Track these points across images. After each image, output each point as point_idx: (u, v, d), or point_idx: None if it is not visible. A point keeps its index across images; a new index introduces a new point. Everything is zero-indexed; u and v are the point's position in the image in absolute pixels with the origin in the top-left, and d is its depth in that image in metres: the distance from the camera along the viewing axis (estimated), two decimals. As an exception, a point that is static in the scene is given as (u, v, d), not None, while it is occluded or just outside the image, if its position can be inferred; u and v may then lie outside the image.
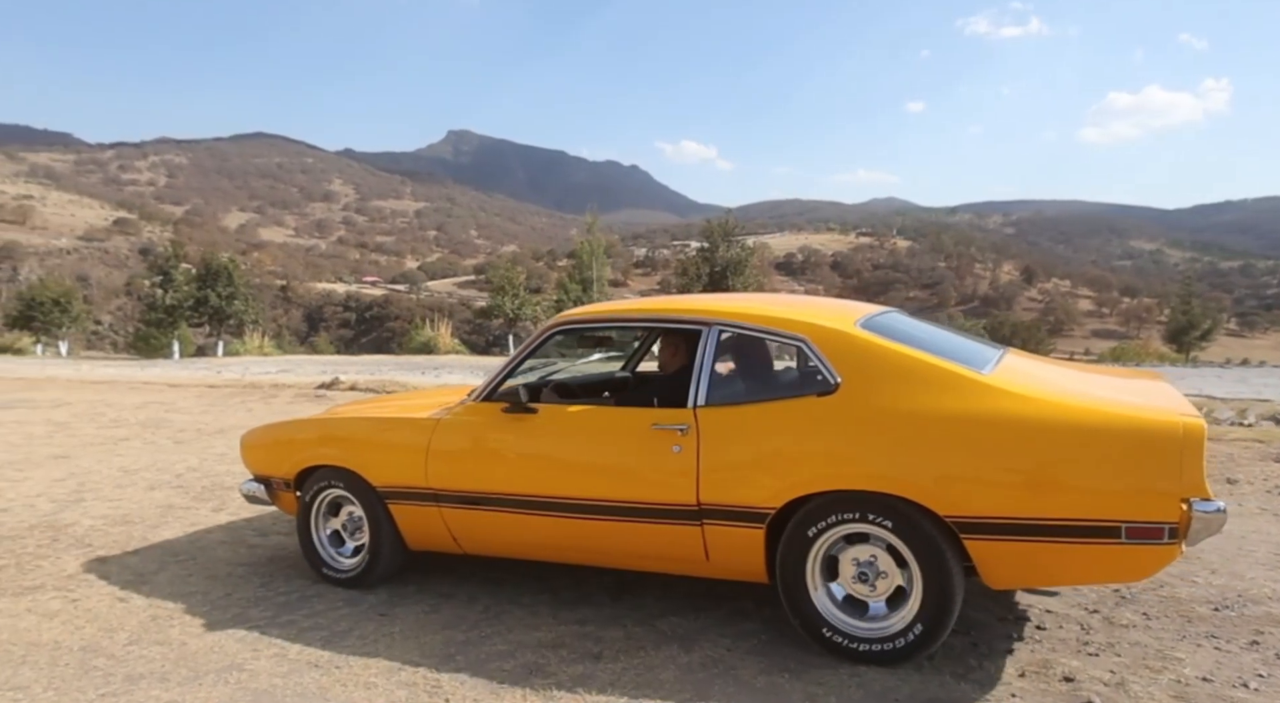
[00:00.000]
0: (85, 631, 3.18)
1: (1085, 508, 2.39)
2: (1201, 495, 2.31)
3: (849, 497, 2.65)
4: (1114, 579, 2.87)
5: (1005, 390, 2.56)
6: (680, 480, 2.84)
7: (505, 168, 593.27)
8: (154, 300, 32.90)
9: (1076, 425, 2.44)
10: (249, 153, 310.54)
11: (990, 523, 2.48)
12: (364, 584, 3.57)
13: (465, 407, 3.37)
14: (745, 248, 28.72)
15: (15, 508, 5.16)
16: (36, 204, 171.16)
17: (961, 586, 2.60)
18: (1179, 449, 2.32)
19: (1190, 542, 2.35)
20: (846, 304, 3.48)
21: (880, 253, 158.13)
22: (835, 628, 2.73)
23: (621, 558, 3.18)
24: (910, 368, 2.68)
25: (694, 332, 3.08)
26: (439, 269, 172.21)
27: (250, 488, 3.96)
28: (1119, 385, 2.97)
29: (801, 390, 2.92)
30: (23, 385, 14.78)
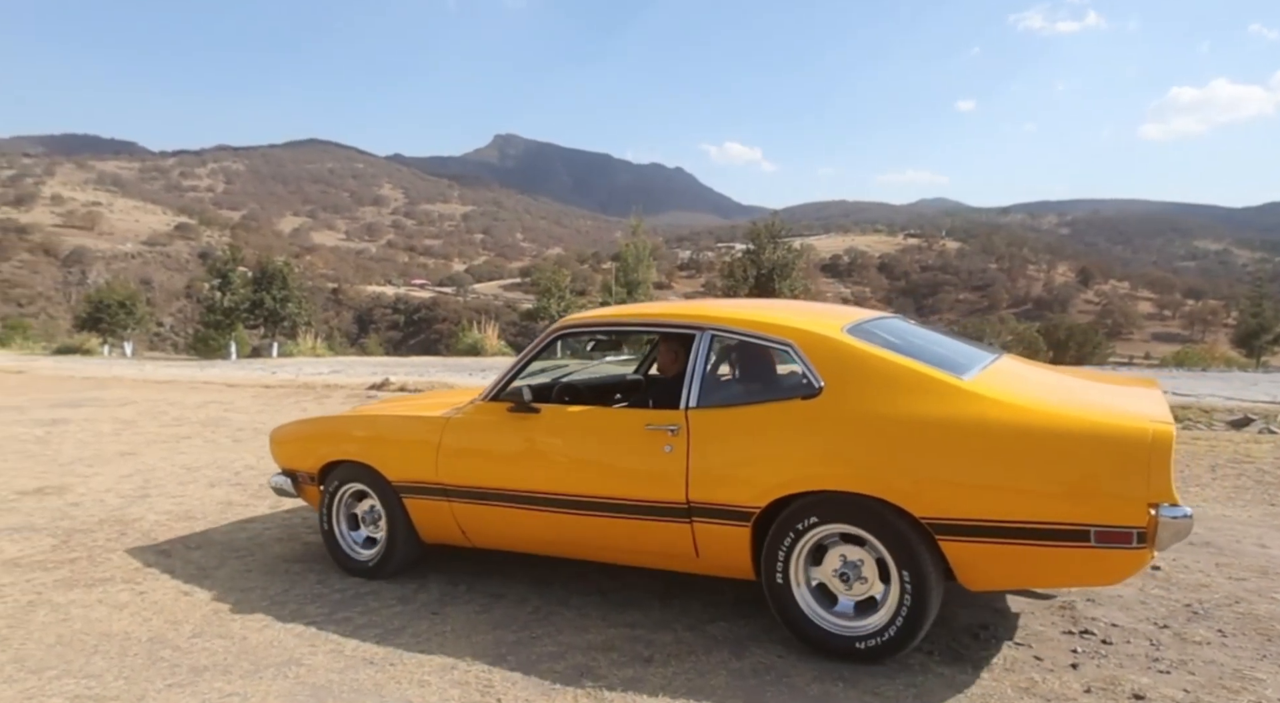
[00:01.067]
0: (152, 622, 3.28)
1: (1056, 511, 2.43)
2: (1169, 501, 2.34)
3: (831, 498, 2.72)
4: (1087, 582, 2.88)
5: (982, 395, 2.62)
6: (671, 479, 2.93)
7: (550, 171, 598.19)
8: (212, 303, 33.92)
9: (1047, 430, 2.48)
10: (302, 159, 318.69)
11: (964, 525, 2.53)
12: (380, 575, 3.72)
13: (474, 406, 3.52)
14: (792, 250, 28.42)
15: (86, 503, 5.37)
16: (104, 210, 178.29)
17: (939, 587, 2.65)
18: (1147, 455, 2.35)
19: (1160, 547, 2.38)
20: (839, 309, 3.60)
21: (929, 254, 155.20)
22: (817, 625, 2.79)
23: (617, 554, 3.28)
24: (891, 373, 2.75)
25: (689, 336, 3.17)
26: (485, 272, 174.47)
27: (278, 482, 4.14)
28: (1104, 392, 2.99)
29: (787, 394, 2.96)
30: (91, 385, 15.39)
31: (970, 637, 2.99)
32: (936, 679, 2.65)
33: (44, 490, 5.78)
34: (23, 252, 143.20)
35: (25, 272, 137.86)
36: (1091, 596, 3.38)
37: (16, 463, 6.91)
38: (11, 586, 3.75)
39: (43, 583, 3.78)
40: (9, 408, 11.57)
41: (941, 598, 2.71)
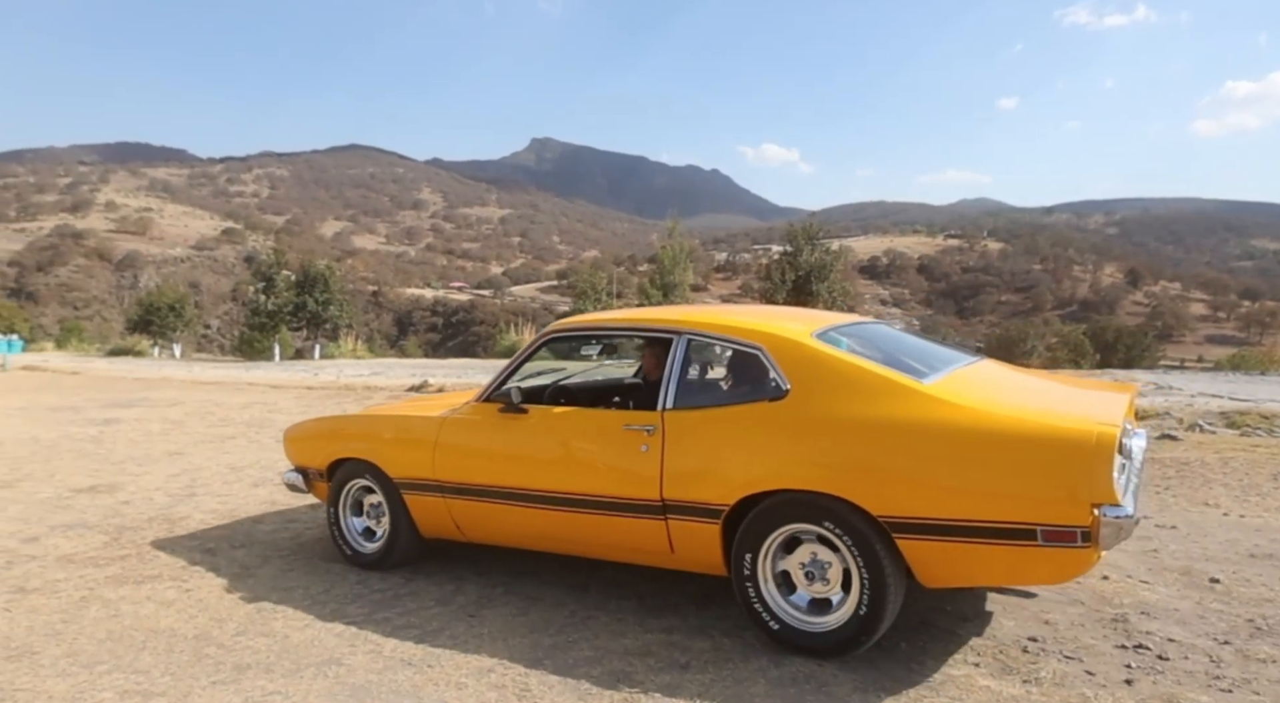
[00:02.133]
0: (198, 620, 3.35)
1: (1004, 511, 2.50)
2: (1110, 501, 2.39)
3: (796, 497, 2.80)
4: (1038, 581, 2.89)
5: (938, 399, 2.70)
6: (646, 478, 3.05)
7: (587, 174, 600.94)
8: (257, 306, 34.68)
9: (996, 432, 2.56)
10: (344, 164, 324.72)
11: (919, 524, 2.61)
12: (382, 567, 3.90)
13: (469, 407, 3.67)
14: (830, 252, 28.10)
15: (136, 501, 5.51)
16: (155, 216, 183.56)
17: (899, 585, 2.72)
18: (1090, 457, 2.41)
19: (1104, 546, 2.43)
20: (815, 314, 3.71)
21: (970, 255, 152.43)
22: (780, 620, 2.87)
23: (599, 549, 3.40)
24: (853, 376, 2.85)
25: (667, 340, 3.27)
26: (522, 274, 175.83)
27: (291, 478, 4.34)
28: (1065, 397, 3.08)
29: (757, 396, 3.02)
30: (142, 386, 15.84)
31: (1019, 649, 2.90)
32: (982, 694, 2.57)
33: (97, 489, 5.95)
34: (79, 257, 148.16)
35: (81, 276, 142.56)
36: (1146, 609, 3.27)
37: (72, 462, 7.13)
38: (66, 581, 3.86)
39: (95, 579, 3.88)
40: (65, 408, 11.96)
41: (902, 597, 2.77)
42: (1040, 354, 38.94)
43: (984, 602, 3.36)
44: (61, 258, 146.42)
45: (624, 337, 3.86)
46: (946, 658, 2.84)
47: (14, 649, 3.08)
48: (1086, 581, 3.58)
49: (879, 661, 2.82)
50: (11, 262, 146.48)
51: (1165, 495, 5.18)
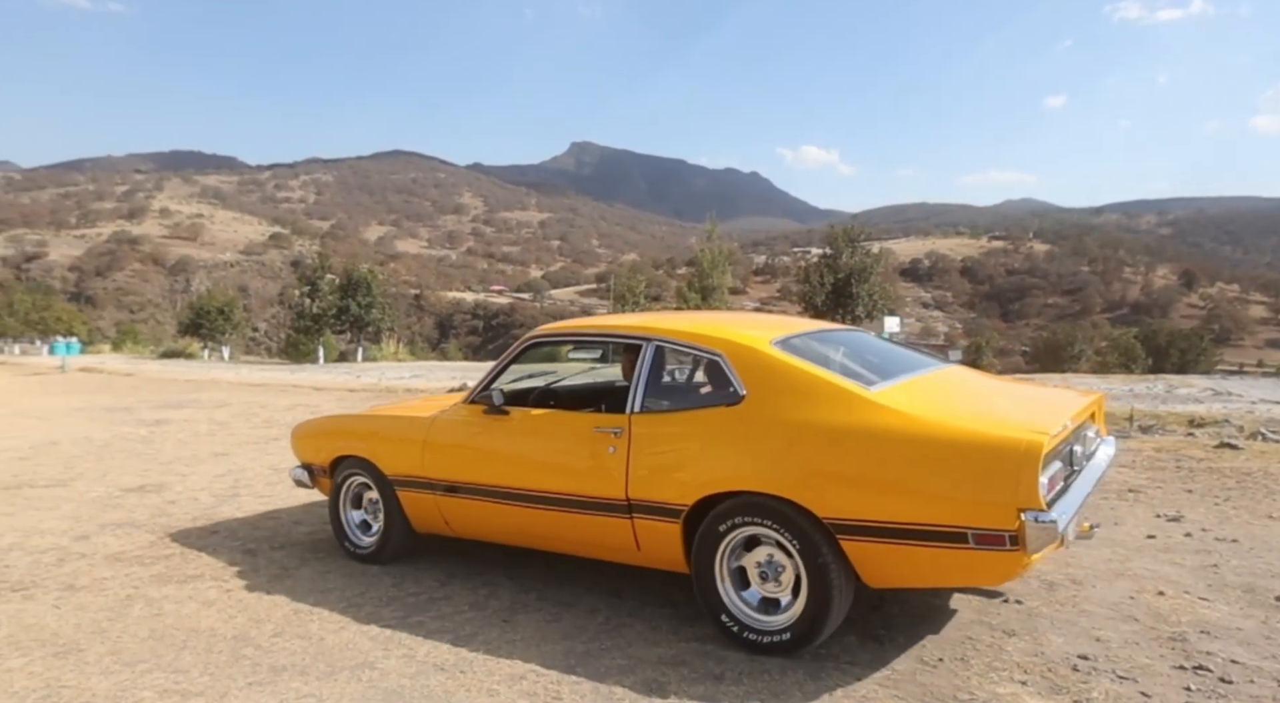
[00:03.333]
0: (237, 620, 3.39)
1: (938, 514, 2.58)
2: (1035, 507, 2.45)
3: (750, 499, 2.90)
4: (974, 582, 2.94)
5: (881, 405, 2.79)
6: (614, 478, 3.17)
7: (626, 177, 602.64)
8: (302, 309, 35.44)
9: (931, 438, 2.64)
10: (387, 170, 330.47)
11: (860, 525, 2.69)
12: (379, 560, 4.06)
13: (456, 408, 3.82)
14: (870, 254, 27.74)
15: (182, 501, 5.63)
16: (206, 222, 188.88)
17: (844, 585, 2.78)
18: (1017, 463, 2.48)
19: (1032, 550, 2.47)
20: (782, 322, 3.81)
21: (1015, 257, 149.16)
22: (735, 617, 2.97)
23: (574, 546, 3.51)
24: (804, 383, 2.94)
25: (638, 346, 3.38)
26: (562, 278, 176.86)
27: (297, 474, 4.52)
28: (1014, 405, 3.16)
29: (717, 401, 3.14)
30: (192, 387, 16.26)
31: (1069, 668, 2.79)
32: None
33: (145, 488, 6.10)
34: (134, 262, 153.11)
35: (137, 280, 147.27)
36: (1206, 627, 3.11)
37: (123, 461, 7.33)
38: (112, 579, 3.95)
39: (140, 578, 3.96)
40: (119, 409, 12.33)
41: (850, 598, 2.85)
42: (1089, 358, 37.92)
43: (1030, 617, 3.24)
44: (118, 263, 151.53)
45: (600, 342, 3.94)
46: (991, 675, 2.74)
47: (61, 646, 3.15)
48: (1141, 597, 3.44)
49: (920, 675, 2.74)
50: (72, 267, 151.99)
51: (1225, 507, 4.97)
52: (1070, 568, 3.81)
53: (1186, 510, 4.87)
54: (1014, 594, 3.46)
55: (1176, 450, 6.58)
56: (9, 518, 5.24)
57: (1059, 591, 3.53)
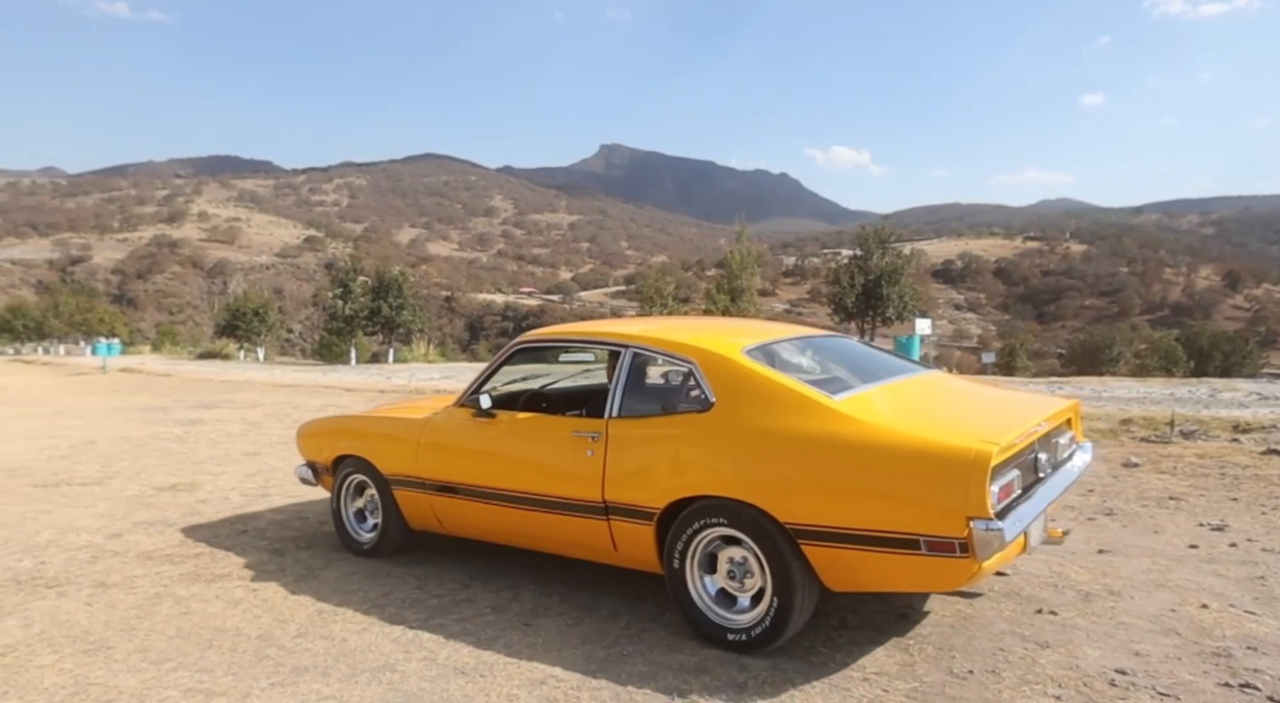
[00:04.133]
0: (262, 620, 3.41)
1: (892, 521, 2.63)
2: (983, 515, 2.49)
3: (717, 503, 2.96)
4: (929, 588, 2.99)
5: (841, 413, 2.84)
6: (591, 481, 3.25)
7: (655, 179, 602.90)
8: (335, 311, 35.89)
9: (885, 446, 2.69)
10: (419, 173, 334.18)
11: (820, 531, 2.75)
12: (377, 555, 4.22)
13: (447, 410, 3.94)
14: (901, 255, 27.40)
15: (213, 501, 5.71)
16: (243, 225, 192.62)
17: (806, 588, 2.84)
18: (966, 472, 2.52)
19: (981, 557, 2.51)
20: (758, 328, 3.84)
21: (1050, 258, 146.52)
22: (706, 617, 3.05)
23: (556, 546, 3.61)
24: (770, 390, 3.00)
25: (618, 352, 3.46)
26: (591, 280, 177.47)
27: (302, 472, 4.69)
28: (978, 413, 3.24)
29: (688, 407, 3.23)
30: (227, 388, 16.55)
31: (1105, 683, 2.69)
32: (1065, 729, 2.38)
33: (178, 487, 6.20)
34: (174, 264, 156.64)
35: (176, 283, 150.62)
36: (1253, 643, 2.99)
37: (158, 460, 7.46)
38: (143, 577, 4.00)
39: (169, 576, 4.01)
40: (156, 408, 12.58)
41: (813, 601, 2.91)
42: (1128, 361, 37.06)
43: (1065, 629, 3.14)
44: (159, 266, 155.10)
45: (581, 347, 4.04)
46: (1024, 688, 2.66)
47: (91, 644, 3.19)
48: (1183, 609, 3.31)
49: (950, 688, 2.66)
50: (114, 269, 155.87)
51: (1273, 516, 4.79)
52: (1107, 579, 3.69)
53: (1231, 519, 4.70)
54: (1048, 605, 3.36)
55: (1220, 457, 6.37)
56: (47, 515, 5.35)
57: (1095, 602, 3.42)
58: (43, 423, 10.83)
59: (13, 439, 9.12)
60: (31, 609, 3.59)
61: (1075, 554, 4.06)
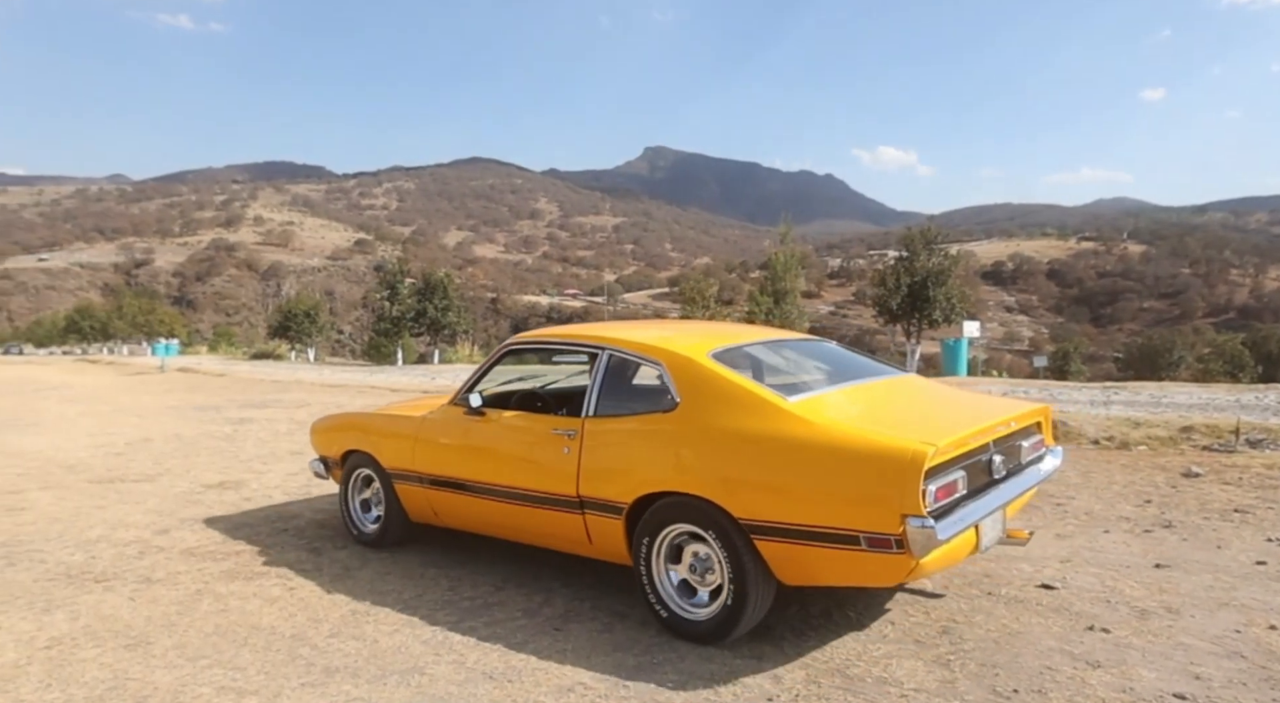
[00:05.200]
0: (297, 619, 3.44)
1: (835, 517, 2.74)
2: (917, 513, 2.57)
3: (680, 499, 3.09)
4: (872, 582, 3.02)
5: (794, 414, 2.95)
6: (568, 476, 3.41)
7: (699, 181, 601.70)
8: (382, 312, 36.51)
9: (828, 446, 2.80)
10: (466, 176, 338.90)
11: (771, 526, 2.86)
12: (380, 546, 4.43)
13: (443, 408, 4.12)
14: (948, 256, 26.78)
15: (256, 498, 5.81)
16: (296, 229, 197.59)
17: (760, 581, 2.94)
18: (900, 471, 2.61)
19: (917, 554, 2.59)
20: (731, 332, 3.99)
21: (1107, 259, 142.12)
22: (666, 606, 3.17)
23: (538, 538, 3.77)
24: (729, 392, 3.12)
25: (596, 354, 3.61)
26: (635, 282, 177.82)
27: (315, 466, 4.94)
28: (928, 416, 3.29)
29: (656, 408, 3.33)
30: (277, 387, 16.93)
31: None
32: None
33: (224, 485, 6.33)
34: (231, 267, 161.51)
35: (233, 285, 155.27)
36: (1322, 666, 2.80)
37: (207, 458, 7.64)
38: (185, 573, 4.08)
39: (210, 573, 4.07)
40: (209, 407, 12.92)
41: (768, 595, 3.00)
42: (1189, 365, 35.69)
43: (1119, 648, 2.99)
44: (216, 268, 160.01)
45: (565, 350, 4.13)
46: (1073, 710, 2.52)
47: (133, 638, 3.25)
48: (1249, 630, 3.12)
49: None
50: (175, 272, 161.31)
51: (1345, 531, 4.51)
52: (1165, 595, 3.51)
53: (1300, 534, 4.44)
54: (1100, 622, 3.20)
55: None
56: (100, 511, 5.51)
57: (1152, 619, 3.24)
58: (102, 420, 11.21)
59: (74, 436, 9.45)
60: (79, 603, 3.68)
61: (1130, 568, 3.87)
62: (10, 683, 2.87)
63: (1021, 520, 4.05)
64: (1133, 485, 5.61)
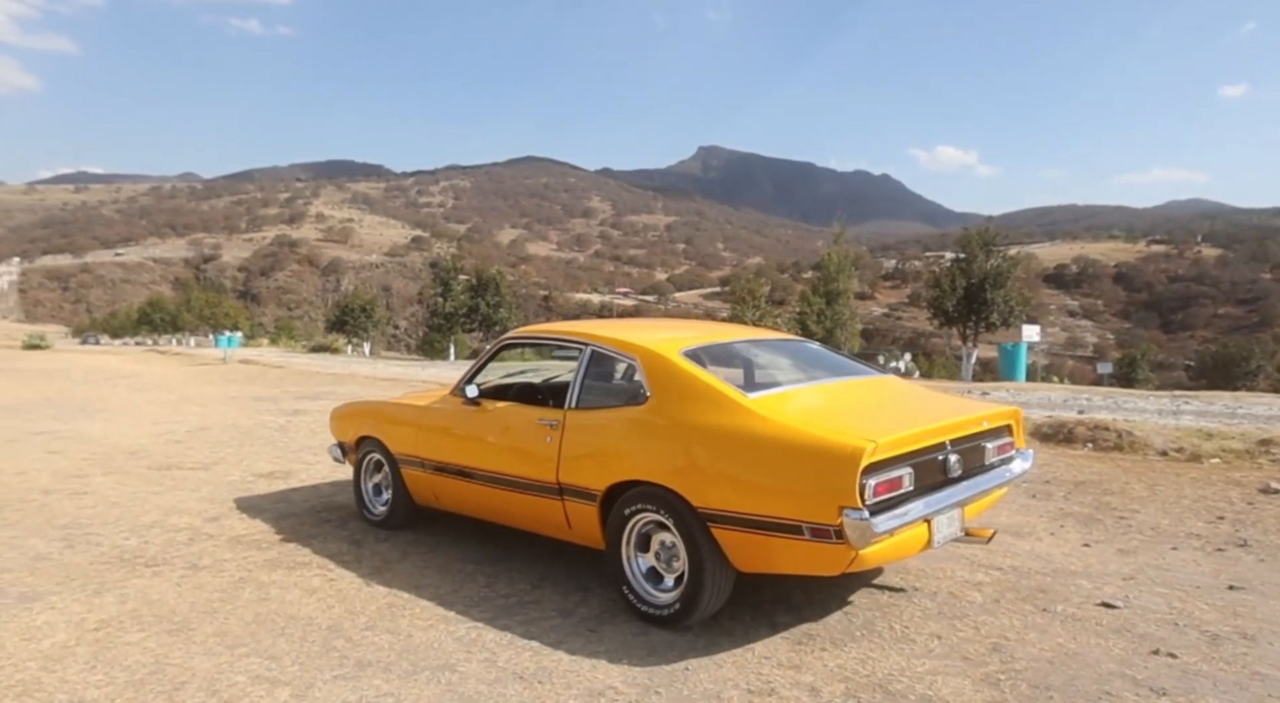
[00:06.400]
0: (334, 610, 3.45)
1: (782, 508, 2.88)
2: (853, 505, 2.71)
3: (647, 488, 3.24)
4: (817, 571, 3.03)
5: (750, 410, 3.09)
6: (550, 464, 3.59)
7: (752, 181, 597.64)
8: (436, 308, 37.15)
9: (777, 440, 2.94)
10: (520, 175, 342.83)
11: (725, 515, 3.00)
12: (388, 526, 4.70)
13: (444, 398, 4.36)
14: (1008, 258, 25.99)
15: (304, 489, 5.91)
16: (355, 226, 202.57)
17: (717, 568, 3.08)
18: (839, 465, 2.74)
19: (856, 545, 2.73)
20: (711, 331, 4.21)
21: (1179, 263, 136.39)
22: (634, 590, 3.32)
23: (524, 521, 3.95)
24: (694, 387, 3.27)
25: (580, 349, 3.78)
26: (686, 281, 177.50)
27: (333, 451, 5.23)
28: (884, 414, 3.37)
29: (629, 401, 3.51)
30: (332, 380, 17.32)
31: (1232, 740, 2.36)
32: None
33: (274, 475, 6.46)
34: (293, 263, 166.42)
35: (294, 280, 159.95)
36: None
37: (259, 448, 7.82)
38: (231, 561, 4.15)
39: (255, 562, 4.13)
40: (265, 398, 13.27)
41: (726, 581, 3.13)
42: (1269, 375, 33.97)
43: (1186, 675, 2.79)
44: (279, 264, 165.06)
45: (555, 346, 4.30)
46: (1135, 740, 2.36)
47: (176, 624, 3.31)
48: (1330, 659, 2.89)
49: (1046, 734, 2.39)
50: (241, 268, 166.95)
51: None
52: (1240, 620, 3.28)
53: (1391, 558, 4.13)
54: (1166, 646, 3.01)
55: (1378, 485, 5.64)
56: (157, 497, 5.66)
57: (1224, 645, 3.03)
58: (166, 409, 11.60)
59: (139, 423, 9.79)
60: (128, 587, 3.76)
61: (1200, 589, 3.64)
62: (58, 663, 2.94)
63: (985, 520, 3.89)
64: (1204, 500, 5.30)
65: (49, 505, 5.37)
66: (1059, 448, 7.22)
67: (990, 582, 3.77)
